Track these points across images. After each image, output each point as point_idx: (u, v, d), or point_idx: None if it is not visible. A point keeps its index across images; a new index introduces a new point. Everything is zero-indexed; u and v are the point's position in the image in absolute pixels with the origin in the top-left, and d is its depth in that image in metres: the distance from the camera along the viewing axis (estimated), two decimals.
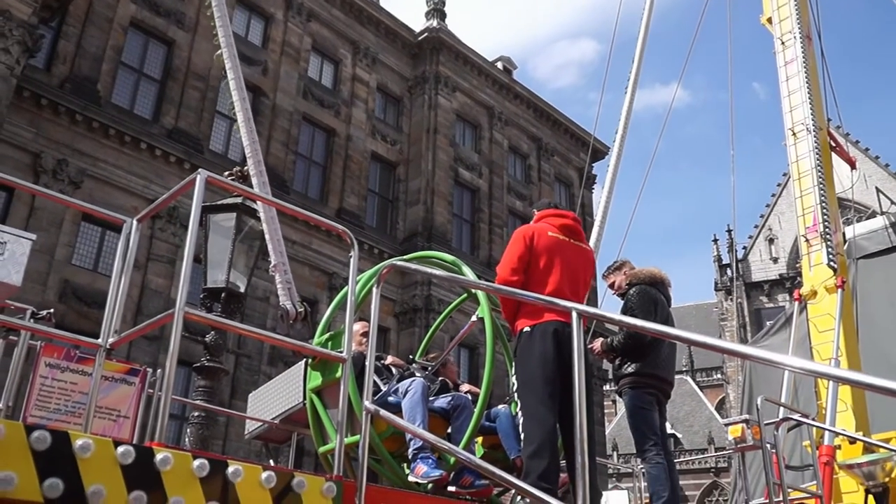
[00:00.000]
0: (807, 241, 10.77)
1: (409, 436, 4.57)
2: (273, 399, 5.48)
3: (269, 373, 19.90)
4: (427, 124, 29.22)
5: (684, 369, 58.17)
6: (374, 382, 4.67)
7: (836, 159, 12.23)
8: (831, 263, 10.18)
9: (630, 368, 5.58)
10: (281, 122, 24.97)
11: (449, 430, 5.04)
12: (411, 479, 4.52)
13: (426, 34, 30.46)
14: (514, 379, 4.54)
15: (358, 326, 5.24)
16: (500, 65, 34.37)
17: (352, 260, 4.02)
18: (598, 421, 31.46)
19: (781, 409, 7.14)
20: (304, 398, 5.07)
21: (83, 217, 19.01)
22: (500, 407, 5.38)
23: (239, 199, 6.16)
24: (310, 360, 5.07)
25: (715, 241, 52.98)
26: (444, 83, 30.01)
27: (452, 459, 4.57)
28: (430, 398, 4.99)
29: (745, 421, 6.78)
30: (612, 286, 6.26)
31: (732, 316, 49.02)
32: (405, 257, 6.01)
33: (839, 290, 10.02)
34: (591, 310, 3.70)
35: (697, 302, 64.53)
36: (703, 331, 52.40)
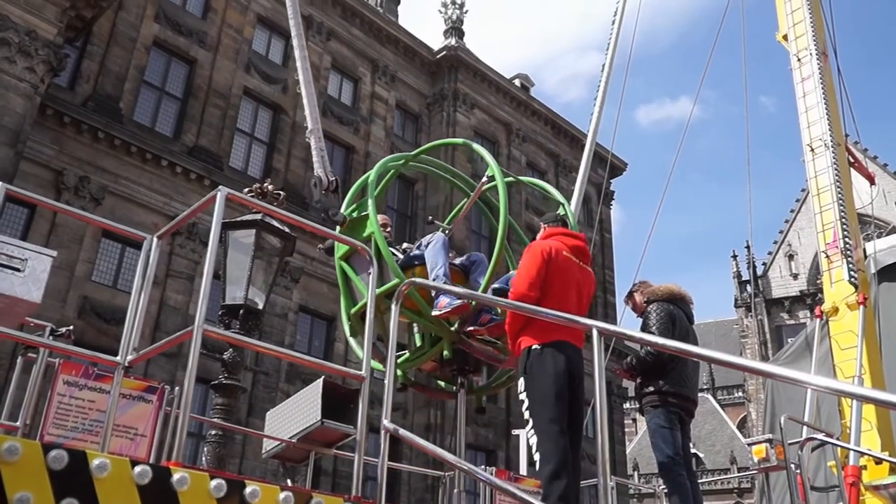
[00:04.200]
0: (827, 257, 10.66)
1: (432, 276, 5.04)
2: (291, 417, 5.46)
3: (286, 390, 19.89)
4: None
5: (705, 387, 57.66)
6: (393, 253, 5.24)
7: (855, 175, 12.12)
8: (852, 280, 10.07)
9: (652, 387, 5.52)
10: (301, 140, 25.06)
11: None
12: (434, 313, 4.87)
13: (444, 52, 30.57)
14: (522, 396, 4.50)
15: (378, 219, 5.47)
16: (517, 82, 34.41)
17: (371, 277, 4.01)
18: (618, 440, 31.21)
19: (805, 428, 7.04)
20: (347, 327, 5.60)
21: (103, 233, 19.14)
22: (512, 272, 5.66)
23: (258, 216, 6.16)
24: (338, 229, 5.50)
25: (734, 256, 52.66)
26: (462, 100, 30.09)
27: (473, 302, 4.94)
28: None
29: (769, 440, 6.69)
30: (633, 309, 6.20)
31: (753, 333, 48.60)
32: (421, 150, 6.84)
33: (861, 306, 9.90)
34: (611, 327, 3.68)
35: (717, 319, 64.05)
36: (724, 348, 51.93)
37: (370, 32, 28.78)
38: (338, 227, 5.55)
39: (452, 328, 4.98)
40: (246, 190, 6.42)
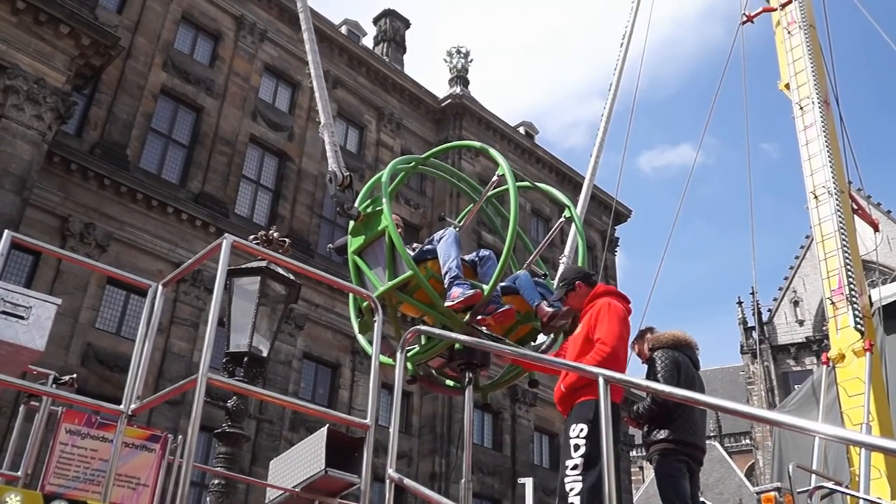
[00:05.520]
0: (832, 304, 10.62)
1: (444, 269, 5.20)
2: (294, 466, 5.41)
3: (290, 438, 19.73)
4: (450, 188, 29.43)
5: (712, 434, 56.99)
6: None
7: (859, 222, 12.13)
8: (858, 327, 10.02)
9: (659, 435, 5.46)
10: (306, 186, 25.27)
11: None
12: (447, 304, 5.03)
13: (449, 100, 30.93)
14: (578, 442, 4.45)
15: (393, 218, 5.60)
16: (522, 129, 34.69)
17: (376, 325, 4.01)
18: (625, 489, 30.79)
19: (814, 476, 6.95)
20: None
21: (108, 280, 19.16)
22: (519, 271, 5.86)
23: (263, 263, 6.18)
24: (351, 225, 5.74)
25: (739, 303, 52.48)
26: (467, 147, 30.32)
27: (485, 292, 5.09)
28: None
29: (777, 489, 6.61)
30: (639, 355, 6.18)
31: (759, 379, 48.26)
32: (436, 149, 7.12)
33: (867, 353, 9.84)
34: (617, 375, 3.66)
35: (723, 365, 63.53)
36: (730, 394, 51.49)
37: (376, 81, 29.15)
38: (351, 222, 5.77)
39: (464, 319, 5.08)
40: (251, 237, 6.44)
